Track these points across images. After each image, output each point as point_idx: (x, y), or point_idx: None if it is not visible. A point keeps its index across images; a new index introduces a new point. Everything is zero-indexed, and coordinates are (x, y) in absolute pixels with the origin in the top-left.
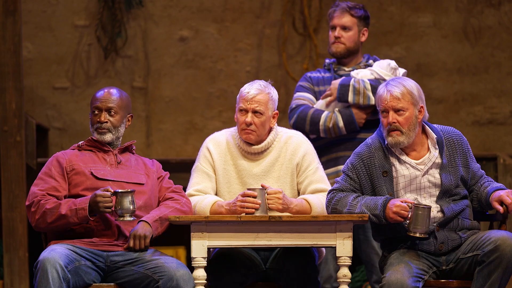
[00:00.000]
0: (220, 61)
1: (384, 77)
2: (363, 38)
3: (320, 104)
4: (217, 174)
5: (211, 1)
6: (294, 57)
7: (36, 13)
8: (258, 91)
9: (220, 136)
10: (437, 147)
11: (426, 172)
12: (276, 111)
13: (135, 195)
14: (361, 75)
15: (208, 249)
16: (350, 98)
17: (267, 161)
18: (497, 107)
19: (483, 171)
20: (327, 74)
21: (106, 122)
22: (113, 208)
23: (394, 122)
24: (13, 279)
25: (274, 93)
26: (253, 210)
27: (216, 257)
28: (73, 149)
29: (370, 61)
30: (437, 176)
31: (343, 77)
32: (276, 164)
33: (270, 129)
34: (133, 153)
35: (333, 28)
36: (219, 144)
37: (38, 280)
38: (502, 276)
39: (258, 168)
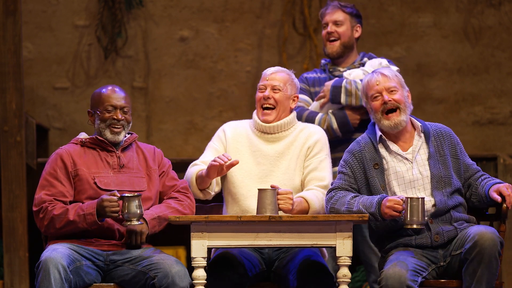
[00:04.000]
0: (221, 61)
1: None
2: (356, 35)
3: (314, 105)
4: (228, 151)
5: (211, 1)
6: (294, 57)
7: (36, 13)
8: (278, 70)
9: (238, 122)
10: (421, 135)
11: (416, 163)
12: (296, 95)
13: None
14: (353, 75)
15: (208, 249)
16: (343, 99)
17: (282, 144)
18: (497, 107)
19: (479, 167)
20: (323, 75)
21: (123, 119)
22: (120, 213)
23: (390, 100)
24: (13, 279)
25: (295, 79)
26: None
27: (216, 257)
28: (76, 144)
29: (365, 59)
30: (427, 167)
31: (336, 79)
32: (290, 148)
33: (291, 111)
34: (135, 143)
35: (326, 25)
36: (235, 128)
37: (40, 281)
38: (486, 271)
39: (272, 149)
